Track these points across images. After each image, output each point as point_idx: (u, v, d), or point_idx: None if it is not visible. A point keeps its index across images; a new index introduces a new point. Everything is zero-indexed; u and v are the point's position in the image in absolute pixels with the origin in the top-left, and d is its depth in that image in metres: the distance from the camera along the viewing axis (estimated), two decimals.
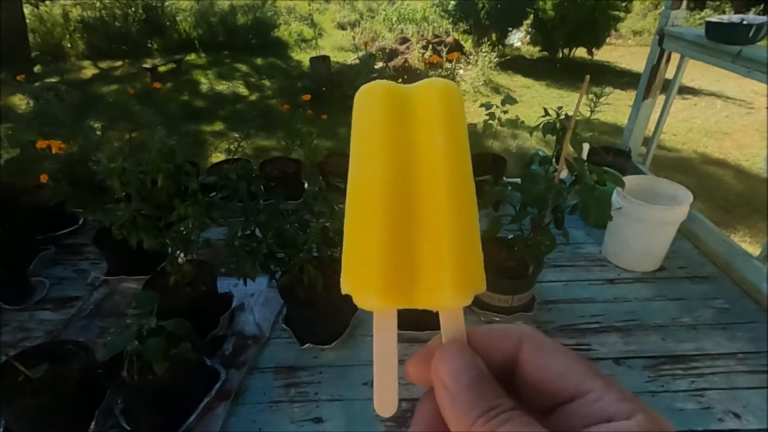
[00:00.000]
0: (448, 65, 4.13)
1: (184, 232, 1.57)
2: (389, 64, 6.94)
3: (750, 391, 1.49)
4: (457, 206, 0.27)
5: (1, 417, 1.34)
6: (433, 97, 0.29)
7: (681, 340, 1.68)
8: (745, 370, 1.56)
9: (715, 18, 2.01)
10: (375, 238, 0.26)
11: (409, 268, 0.26)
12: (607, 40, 8.08)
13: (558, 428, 0.21)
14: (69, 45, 7.74)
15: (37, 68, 6.70)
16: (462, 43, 8.02)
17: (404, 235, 0.26)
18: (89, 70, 7.41)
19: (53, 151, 1.72)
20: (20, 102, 5.01)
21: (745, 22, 1.86)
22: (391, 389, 0.25)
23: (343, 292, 0.26)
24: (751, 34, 1.85)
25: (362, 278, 0.26)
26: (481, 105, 2.19)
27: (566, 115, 1.45)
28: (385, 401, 0.25)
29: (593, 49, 7.78)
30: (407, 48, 7.55)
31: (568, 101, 6.14)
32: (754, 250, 1.93)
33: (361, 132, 0.29)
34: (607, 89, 1.99)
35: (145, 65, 6.98)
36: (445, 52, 6.86)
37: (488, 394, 0.22)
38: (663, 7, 2.42)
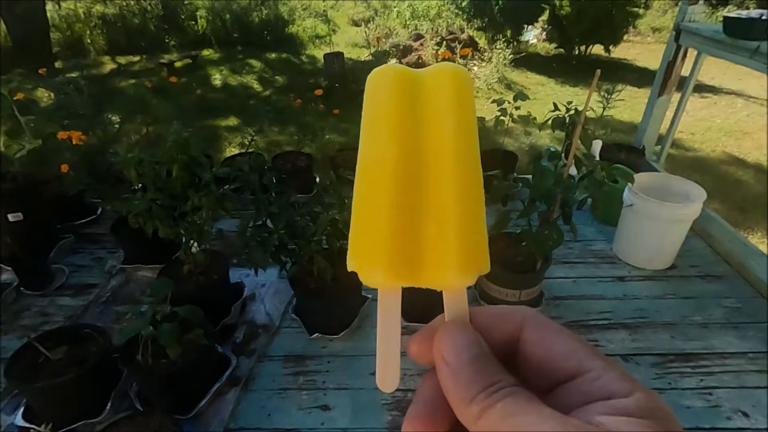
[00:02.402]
0: (461, 61, 4.11)
1: (198, 222, 1.61)
2: (403, 60, 6.93)
3: (760, 391, 1.47)
4: (464, 188, 0.27)
5: (21, 395, 1.40)
6: (444, 80, 0.30)
7: (690, 338, 1.67)
8: (756, 369, 1.55)
9: (733, 13, 1.98)
10: (382, 216, 0.26)
11: (415, 247, 0.26)
12: (625, 37, 7.94)
13: (558, 406, 0.20)
14: (89, 41, 7.90)
15: (58, 63, 6.86)
16: (476, 39, 7.96)
17: (411, 214, 0.27)
18: (108, 65, 7.56)
19: (74, 142, 1.78)
20: (42, 95, 5.14)
21: (764, 17, 1.83)
22: (393, 365, 0.26)
23: (349, 268, 0.27)
24: None
25: (368, 255, 0.26)
26: (493, 101, 2.19)
27: (576, 110, 1.45)
28: (386, 377, 0.26)
29: (610, 47, 7.65)
30: (421, 45, 7.52)
31: (582, 99, 6.04)
32: None
33: (372, 113, 0.30)
34: (619, 86, 1.98)
35: (161, 60, 7.09)
36: (459, 49, 6.84)
37: (489, 370, 0.22)
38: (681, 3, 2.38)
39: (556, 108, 1.50)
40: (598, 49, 7.90)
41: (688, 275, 1.98)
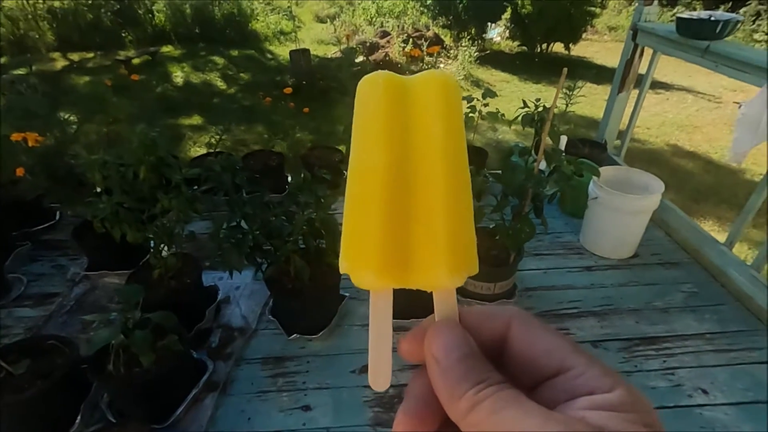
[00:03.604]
0: (429, 59, 4.15)
1: (168, 225, 1.56)
2: (370, 57, 6.92)
3: (717, 369, 1.58)
4: (453, 191, 0.28)
5: None
6: (432, 87, 0.31)
7: (653, 322, 1.76)
8: (713, 349, 1.65)
9: (685, 14, 2.09)
10: (374, 220, 0.27)
11: (406, 249, 0.27)
12: (584, 35, 8.23)
13: (543, 401, 0.21)
14: (37, 35, 7.46)
15: (3, 60, 6.45)
16: (442, 37, 8.05)
17: (402, 218, 0.27)
18: (59, 62, 7.16)
19: (29, 144, 1.68)
20: None
21: (713, 18, 1.94)
22: (386, 365, 0.27)
23: (341, 270, 0.27)
24: (718, 30, 1.93)
25: (360, 258, 0.27)
26: (462, 98, 2.22)
27: (544, 107, 1.50)
28: (379, 376, 0.27)
29: (570, 45, 7.92)
30: (387, 42, 7.54)
31: (546, 95, 6.24)
32: (722, 238, 2.03)
33: (363, 119, 0.31)
34: (580, 83, 2.05)
35: (118, 57, 6.79)
36: (425, 46, 6.89)
37: (478, 368, 0.23)
38: (637, 4, 2.49)
39: (525, 105, 1.55)
40: (558, 47, 8.16)
41: (649, 263, 2.08)
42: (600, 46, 9.09)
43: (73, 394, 1.36)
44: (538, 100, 1.56)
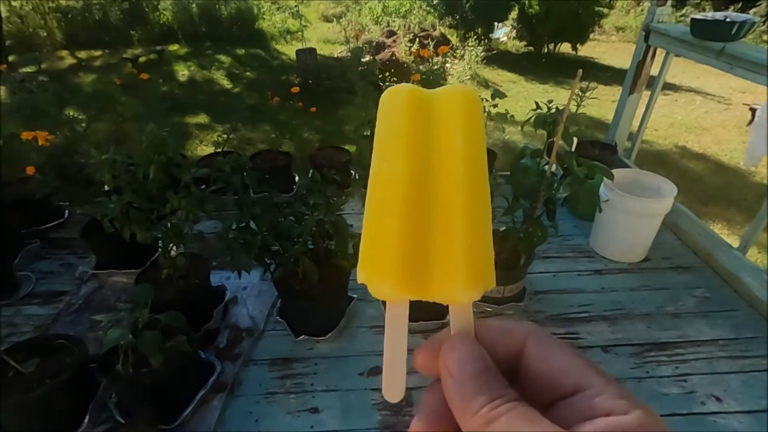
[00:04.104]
0: (437, 59, 4.13)
1: (177, 225, 1.55)
2: (376, 57, 6.91)
3: (730, 376, 1.55)
4: (472, 205, 0.28)
5: None
6: (455, 100, 0.31)
7: (665, 328, 1.74)
8: (726, 355, 1.63)
9: (699, 15, 2.06)
10: (393, 231, 0.27)
11: (424, 262, 0.27)
12: (591, 36, 8.19)
13: (558, 421, 0.21)
14: (45, 34, 7.50)
15: (12, 58, 6.48)
16: (448, 37, 8.03)
17: (421, 230, 0.27)
18: (67, 60, 7.20)
19: (39, 143, 1.68)
20: None
21: (728, 20, 1.92)
22: (400, 376, 0.27)
23: (359, 281, 0.27)
24: (734, 31, 1.90)
25: (378, 268, 0.27)
26: None
27: (557, 108, 1.48)
28: (393, 388, 0.27)
29: (577, 45, 7.88)
30: (394, 41, 7.52)
31: (553, 96, 6.21)
32: (732, 241, 2.00)
33: (385, 130, 0.31)
34: (592, 84, 2.03)
35: (125, 56, 6.81)
36: (431, 46, 6.87)
37: (493, 384, 0.23)
38: (646, 4, 2.46)
39: (538, 106, 1.53)
40: (565, 48, 8.12)
41: (660, 267, 2.06)
42: (608, 47, 9.04)
43: (81, 393, 1.36)
44: (550, 101, 1.54)
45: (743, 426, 1.40)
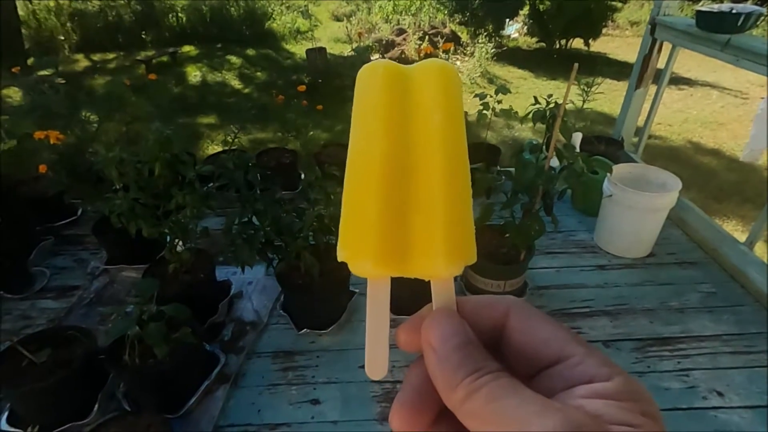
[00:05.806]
0: (443, 56, 4.13)
1: (183, 221, 1.60)
2: (386, 55, 6.92)
3: (733, 371, 1.54)
4: (451, 180, 0.28)
5: (5, 400, 1.38)
6: (432, 76, 0.31)
7: (668, 323, 1.73)
8: (729, 351, 1.61)
9: (705, 7, 2.03)
10: (372, 208, 0.27)
11: (404, 238, 0.27)
12: (604, 31, 8.07)
13: (541, 390, 0.21)
14: (62, 37, 7.69)
15: (30, 60, 6.66)
16: (458, 34, 7.99)
17: (400, 206, 0.27)
18: (82, 63, 7.37)
19: (51, 142, 1.74)
20: (14, 94, 4.99)
21: (734, 11, 1.89)
22: (382, 353, 0.27)
23: (339, 259, 0.27)
24: (740, 23, 1.87)
25: (358, 246, 0.27)
26: (475, 95, 2.21)
27: (556, 103, 1.48)
28: (375, 365, 0.27)
29: (590, 40, 7.77)
30: (404, 39, 7.52)
31: (562, 92, 6.14)
32: (744, 238, 1.97)
33: (362, 108, 0.31)
34: (598, 79, 2.02)
35: (138, 58, 6.95)
36: (441, 43, 6.85)
37: (475, 356, 0.23)
38: None
39: (537, 101, 1.53)
40: (578, 43, 8.01)
41: (665, 262, 2.04)
42: (621, 42, 8.89)
43: (91, 383, 1.41)
44: (549, 96, 1.54)
45: (744, 421, 1.38)
